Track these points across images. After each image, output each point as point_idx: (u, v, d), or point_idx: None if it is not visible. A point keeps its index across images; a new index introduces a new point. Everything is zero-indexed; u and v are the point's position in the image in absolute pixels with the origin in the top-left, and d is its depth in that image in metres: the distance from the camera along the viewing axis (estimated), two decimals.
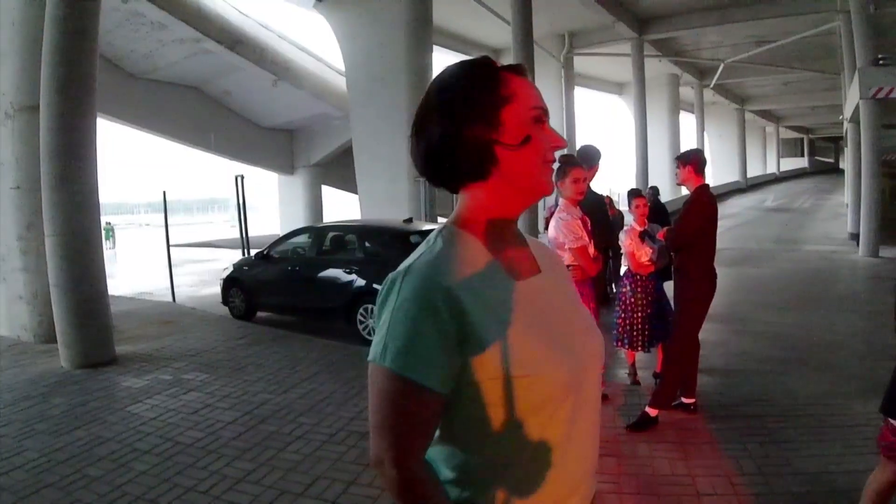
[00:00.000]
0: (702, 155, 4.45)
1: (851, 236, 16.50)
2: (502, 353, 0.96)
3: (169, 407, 4.92)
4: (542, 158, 1.06)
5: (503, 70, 1.07)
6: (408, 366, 0.94)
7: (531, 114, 1.05)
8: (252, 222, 12.19)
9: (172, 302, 10.22)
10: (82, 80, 6.11)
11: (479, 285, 1.00)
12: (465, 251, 1.04)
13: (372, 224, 8.89)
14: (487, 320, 0.97)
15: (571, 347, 1.05)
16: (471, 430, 1.00)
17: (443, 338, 0.94)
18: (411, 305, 0.95)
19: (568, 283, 1.22)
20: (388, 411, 0.96)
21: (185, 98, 21.03)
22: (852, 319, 7.75)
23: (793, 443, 3.96)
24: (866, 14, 14.17)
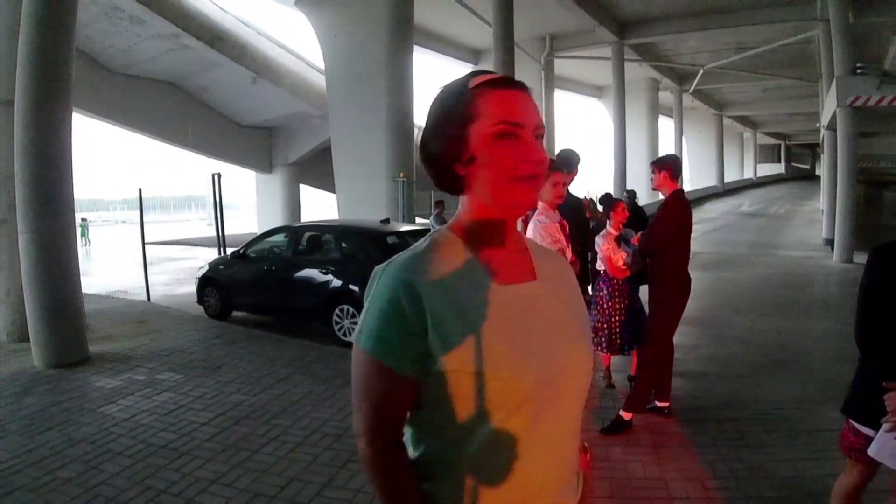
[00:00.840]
0: (677, 160, 4.47)
1: (826, 242, 16.70)
2: (462, 348, 1.02)
3: (142, 408, 4.87)
4: (505, 175, 1.06)
5: (482, 86, 1.08)
6: (377, 349, 1.04)
7: (494, 130, 1.05)
8: (229, 221, 12.11)
9: (147, 301, 10.10)
10: (58, 74, 6.02)
11: (450, 283, 1.06)
12: (446, 252, 1.10)
13: (349, 224, 8.87)
14: (451, 316, 1.03)
15: (548, 356, 1.07)
16: (435, 416, 1.07)
17: (407, 327, 1.02)
18: (382, 296, 1.05)
19: (571, 293, 1.23)
20: (362, 390, 1.08)
21: (163, 94, 20.79)
22: (826, 324, 7.83)
23: (766, 447, 4.01)
24: (845, 23, 14.37)
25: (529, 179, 1.06)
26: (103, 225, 45.77)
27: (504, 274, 1.11)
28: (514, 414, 1.03)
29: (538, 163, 1.06)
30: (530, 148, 1.06)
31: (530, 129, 1.06)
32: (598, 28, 20.76)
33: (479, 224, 1.12)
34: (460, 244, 1.12)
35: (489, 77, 1.09)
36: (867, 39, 17.77)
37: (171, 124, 21.20)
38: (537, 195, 1.10)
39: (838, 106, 13.95)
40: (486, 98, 1.06)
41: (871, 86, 13.38)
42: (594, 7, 19.57)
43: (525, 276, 1.14)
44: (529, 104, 1.08)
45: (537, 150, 1.07)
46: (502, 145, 1.05)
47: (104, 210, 63.69)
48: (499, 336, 1.04)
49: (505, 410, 1.02)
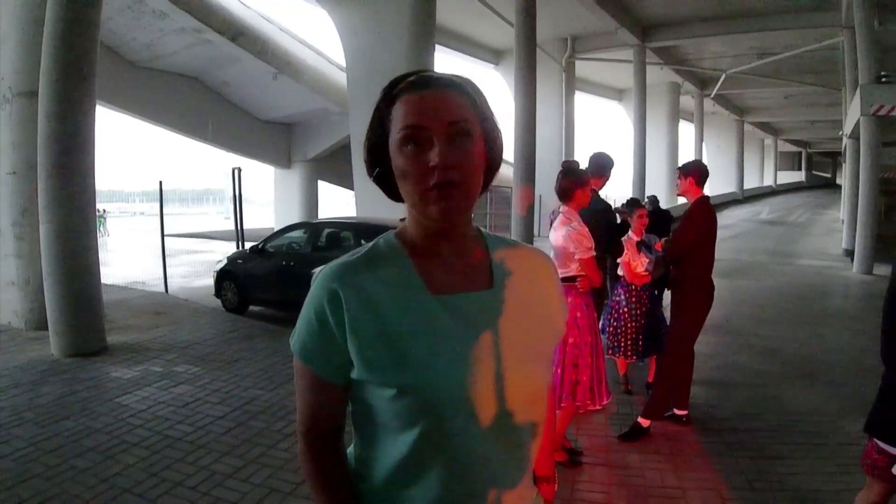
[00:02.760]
0: (703, 167, 4.42)
1: (846, 252, 16.47)
2: (377, 359, 0.99)
3: (159, 399, 4.89)
4: (413, 186, 0.99)
5: (395, 95, 1.02)
6: (302, 355, 1.05)
7: (398, 137, 0.99)
8: (247, 215, 12.15)
9: (165, 293, 10.15)
10: (83, 67, 6.06)
11: (377, 292, 1.02)
12: (383, 258, 1.06)
13: (368, 221, 8.85)
14: (370, 326, 1.00)
15: (480, 374, 0.99)
16: (363, 421, 1.06)
17: (328, 335, 1.01)
18: (310, 302, 1.04)
19: (540, 303, 1.13)
20: (297, 391, 1.09)
21: (185, 88, 20.89)
22: (845, 336, 7.72)
23: (783, 459, 3.95)
24: (871, 31, 14.12)
25: (438, 188, 0.96)
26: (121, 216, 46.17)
27: (445, 284, 1.05)
28: (433, 429, 0.98)
29: (443, 168, 0.96)
30: (433, 153, 0.96)
31: (439, 128, 0.97)
32: (619, 30, 20.60)
33: (417, 231, 1.07)
34: (401, 250, 1.07)
35: (407, 80, 1.03)
36: (892, 47, 17.49)
37: (191, 118, 21.30)
38: (458, 205, 0.99)
39: (861, 114, 13.74)
40: (398, 103, 1.01)
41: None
42: (617, 9, 19.45)
43: (473, 285, 1.06)
44: (441, 100, 0.99)
45: (441, 153, 0.96)
46: (405, 154, 0.98)
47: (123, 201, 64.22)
48: (419, 347, 0.99)
49: (422, 425, 0.98)
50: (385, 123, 1.03)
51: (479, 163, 1.02)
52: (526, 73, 13.55)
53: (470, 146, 1.00)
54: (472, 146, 1.00)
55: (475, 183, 1.02)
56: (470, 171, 1.00)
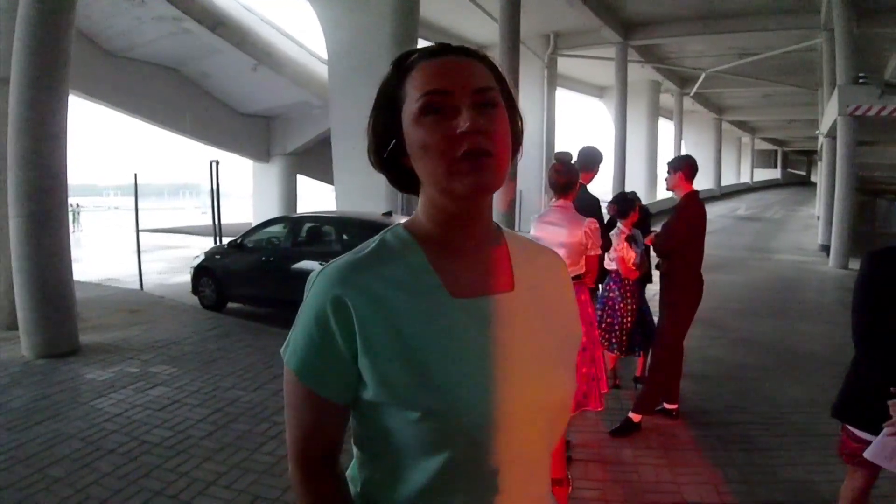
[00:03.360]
0: (693, 162, 4.44)
1: (822, 248, 16.74)
2: (397, 376, 0.86)
3: (135, 402, 4.72)
4: (437, 158, 0.86)
5: (410, 63, 0.91)
6: (301, 371, 0.91)
7: (417, 106, 0.87)
8: (224, 210, 11.95)
9: (140, 290, 9.93)
10: (57, 53, 5.85)
11: (391, 296, 0.89)
12: (394, 256, 0.93)
13: (350, 216, 8.73)
14: (387, 337, 0.87)
15: (508, 388, 0.89)
16: (373, 445, 0.94)
17: (333, 350, 0.88)
18: (309, 309, 0.91)
19: (560, 305, 1.03)
20: (290, 410, 0.95)
21: (162, 79, 20.50)
22: (824, 329, 7.81)
23: (775, 451, 4.01)
24: (849, 33, 14.36)
25: (468, 159, 0.84)
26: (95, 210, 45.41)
27: (465, 284, 0.92)
28: (460, 453, 0.86)
29: (475, 133, 0.84)
30: (462, 117, 0.85)
31: (466, 93, 0.86)
32: (603, 28, 20.63)
33: (435, 223, 0.94)
34: (414, 246, 0.94)
35: (417, 53, 0.92)
36: (869, 50, 17.77)
37: (168, 110, 20.91)
38: (492, 178, 0.86)
39: (839, 114, 13.97)
40: (413, 74, 0.90)
41: (873, 95, 13.40)
42: (600, 7, 19.45)
43: (496, 286, 0.95)
44: (464, 66, 0.89)
45: (471, 116, 0.84)
46: (427, 122, 0.86)
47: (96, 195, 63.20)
48: (444, 362, 0.87)
49: (448, 451, 0.86)
50: (396, 98, 0.91)
51: (507, 134, 0.91)
52: (509, 69, 13.50)
53: (497, 116, 0.88)
54: (500, 116, 0.89)
55: (506, 158, 0.89)
56: (502, 142, 0.88)
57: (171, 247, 18.33)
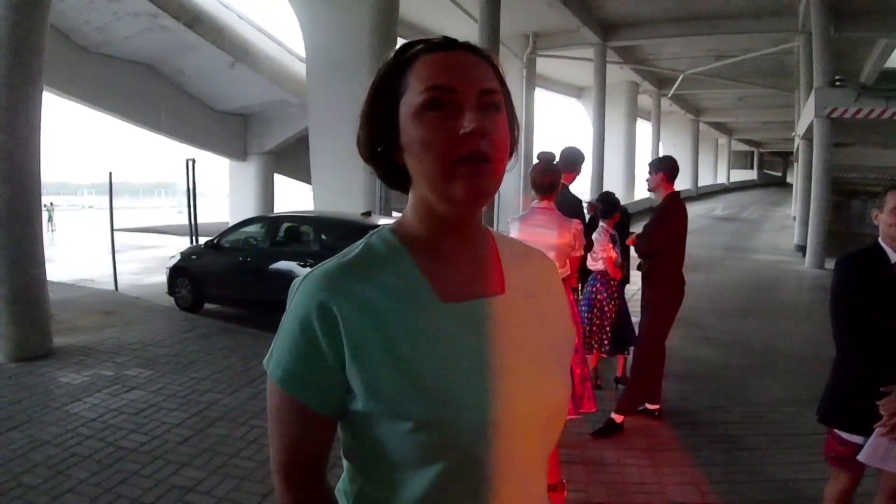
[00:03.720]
0: (674, 163, 4.49)
1: (798, 248, 16.97)
2: (387, 385, 0.83)
3: (110, 406, 4.61)
4: (436, 157, 0.82)
5: (414, 54, 0.87)
6: (286, 382, 0.86)
7: (419, 101, 0.83)
8: (200, 209, 11.79)
9: (115, 290, 9.76)
10: (30, 49, 5.71)
11: (380, 302, 0.85)
12: (381, 260, 0.89)
13: (329, 216, 8.65)
14: (376, 344, 0.83)
15: (502, 395, 0.85)
16: (364, 456, 0.90)
17: (320, 359, 0.84)
18: (293, 317, 0.86)
19: (552, 307, 1.00)
20: (274, 423, 0.90)
21: (137, 76, 20.18)
22: (802, 328, 7.92)
23: (757, 450, 4.05)
24: (826, 37, 14.60)
25: (469, 163, 0.81)
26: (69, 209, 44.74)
27: (456, 289, 0.89)
28: (456, 463, 0.83)
29: (479, 136, 0.81)
30: (465, 118, 0.81)
31: (471, 93, 0.82)
32: (582, 29, 20.72)
33: (424, 225, 0.90)
34: (402, 249, 0.90)
35: (421, 45, 0.88)
36: (845, 53, 18.07)
37: (144, 107, 20.61)
38: (489, 185, 0.83)
39: (815, 116, 14.17)
40: (416, 66, 0.85)
41: (850, 98, 13.61)
42: (580, 7, 19.54)
43: (487, 289, 0.91)
44: (471, 64, 0.85)
45: (476, 118, 0.81)
46: (427, 119, 0.82)
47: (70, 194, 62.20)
48: (436, 370, 0.83)
49: (443, 462, 0.82)
50: (396, 90, 0.86)
51: (507, 138, 0.87)
52: None
53: (499, 119, 0.85)
54: (501, 119, 0.86)
55: (504, 164, 0.86)
56: (502, 148, 0.85)
57: (147, 246, 18.10)
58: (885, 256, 2.38)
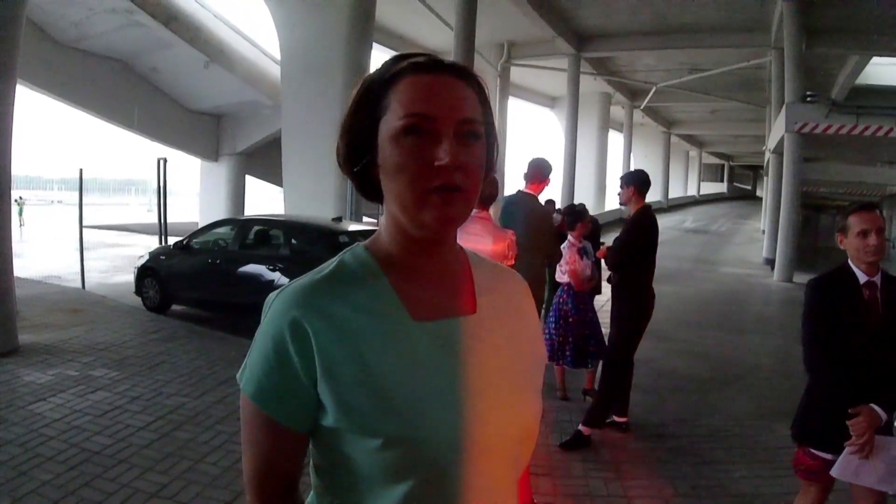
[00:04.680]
0: (645, 176, 4.53)
1: (766, 261, 17.27)
2: (357, 402, 0.83)
3: (75, 407, 4.52)
4: (409, 184, 0.83)
5: (401, 72, 0.87)
6: (258, 396, 0.87)
7: (398, 125, 0.83)
8: (170, 208, 11.65)
9: (82, 288, 9.61)
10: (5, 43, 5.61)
11: (351, 320, 0.86)
12: (354, 278, 0.90)
13: (300, 220, 8.61)
14: (347, 362, 0.84)
15: (474, 413, 0.86)
16: (333, 474, 0.89)
17: (292, 375, 0.85)
18: (266, 332, 0.87)
19: (523, 325, 1.01)
20: (246, 436, 0.91)
21: (111, 72, 19.84)
22: (770, 341, 8.07)
23: (723, 464, 4.08)
24: (798, 53, 14.90)
25: (441, 192, 0.82)
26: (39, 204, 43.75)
27: (428, 308, 0.90)
28: (425, 481, 0.83)
29: (453, 169, 0.82)
30: (442, 149, 0.82)
31: (450, 122, 0.83)
32: (556, 39, 20.90)
33: (397, 244, 0.91)
34: (375, 267, 0.91)
35: (412, 60, 0.87)
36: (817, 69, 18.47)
37: (117, 104, 20.25)
38: (459, 213, 0.85)
39: (786, 131, 14.46)
40: (399, 86, 0.85)
41: (821, 113, 13.92)
42: (555, 18, 19.70)
43: (458, 309, 0.92)
44: (453, 90, 0.85)
45: (451, 151, 0.81)
46: (405, 145, 0.83)
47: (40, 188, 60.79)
48: (407, 387, 0.84)
49: (412, 479, 0.82)
50: (378, 107, 0.87)
51: (481, 166, 0.88)
52: None
53: (475, 148, 0.86)
54: (478, 148, 0.87)
55: (476, 192, 0.87)
56: (475, 177, 0.86)
57: (115, 245, 17.81)
58: (854, 278, 2.44)
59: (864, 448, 2.26)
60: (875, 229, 2.39)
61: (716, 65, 22.29)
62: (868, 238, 2.39)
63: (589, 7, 19.09)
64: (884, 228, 2.44)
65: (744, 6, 17.30)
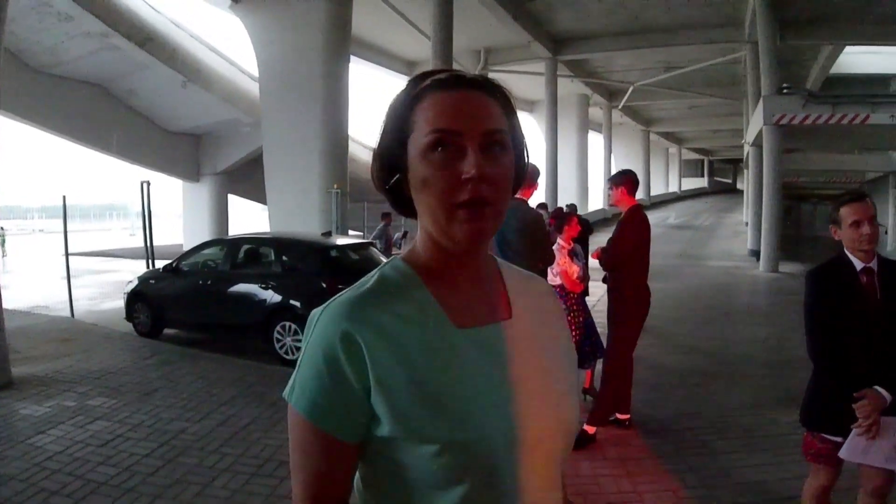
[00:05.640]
0: (634, 176, 4.59)
1: (751, 253, 17.44)
2: (412, 409, 0.85)
3: (76, 438, 4.45)
4: (437, 200, 0.85)
5: (426, 89, 0.89)
6: (312, 412, 0.87)
7: (424, 142, 0.85)
8: (155, 231, 11.55)
9: (71, 317, 9.49)
10: None
11: (400, 329, 0.88)
12: (397, 290, 0.92)
13: (289, 237, 8.60)
14: (399, 371, 0.86)
15: (520, 416, 0.88)
16: (385, 483, 0.90)
17: (346, 387, 0.86)
18: (316, 348, 0.87)
19: (555, 330, 1.04)
20: (297, 454, 0.90)
21: (88, 96, 19.71)
22: (761, 331, 8.14)
23: (728, 454, 4.14)
24: (773, 46, 15.13)
25: (468, 207, 0.84)
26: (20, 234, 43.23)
27: (468, 315, 0.92)
28: (480, 482, 0.84)
29: (479, 182, 0.83)
30: (467, 162, 0.83)
31: (475, 135, 0.85)
32: (532, 43, 21.04)
33: (433, 255, 0.93)
34: (415, 279, 0.93)
35: (435, 77, 0.90)
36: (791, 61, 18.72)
37: (95, 128, 20.11)
38: (489, 226, 0.87)
39: (764, 124, 14.62)
40: (424, 104, 0.88)
41: (797, 105, 14.10)
42: (530, 23, 19.83)
43: (495, 315, 0.95)
44: (477, 104, 0.87)
45: (477, 164, 0.83)
46: (432, 161, 0.85)
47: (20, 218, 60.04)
48: (458, 393, 0.86)
49: (467, 482, 0.84)
50: (405, 126, 0.89)
51: (509, 177, 0.90)
52: None
53: (503, 159, 0.88)
54: (505, 159, 0.88)
55: (505, 204, 0.89)
56: (504, 189, 0.88)
57: (101, 271, 17.62)
58: (851, 266, 2.50)
59: (871, 429, 2.31)
60: (867, 219, 2.45)
61: (691, 62, 22.54)
62: (861, 228, 2.44)
63: (564, 10, 19.24)
64: (875, 217, 2.49)
65: (717, 2, 17.54)
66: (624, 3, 18.00)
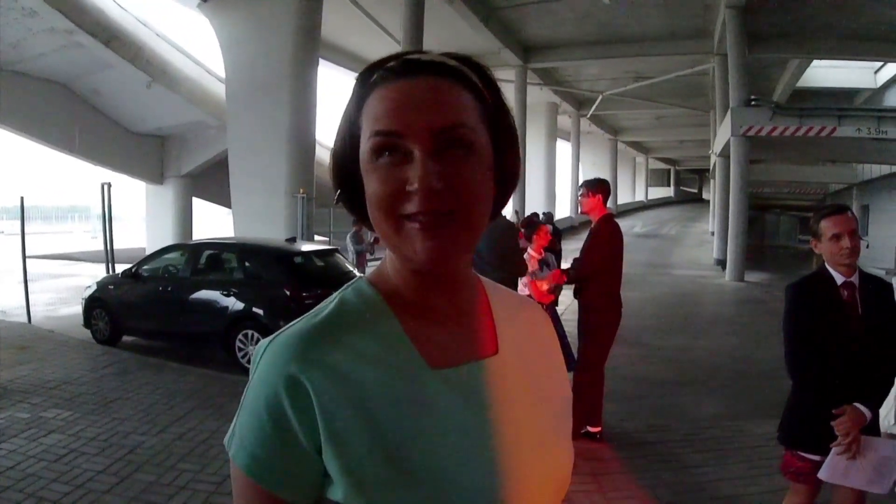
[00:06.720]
0: (608, 185, 4.56)
1: (717, 262, 17.68)
2: (370, 469, 0.69)
3: (28, 453, 4.23)
4: (381, 214, 0.70)
5: (375, 81, 0.73)
6: (251, 467, 0.71)
7: (366, 147, 0.70)
8: (116, 234, 11.26)
9: (28, 323, 9.15)
10: None
11: (360, 372, 0.71)
12: (359, 320, 0.75)
13: (253, 242, 8.39)
14: (356, 422, 0.69)
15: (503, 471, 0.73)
16: None
17: (289, 440, 0.70)
18: (257, 392, 0.72)
19: (547, 362, 0.88)
20: None
21: (50, 95, 19.18)
22: (730, 340, 8.23)
23: (701, 467, 4.11)
24: (741, 58, 15.39)
25: (416, 220, 0.68)
26: None
27: (444, 351, 0.76)
28: None
29: (427, 193, 0.67)
30: (411, 172, 0.68)
31: (422, 136, 0.68)
32: (503, 51, 21.15)
33: (402, 280, 0.76)
34: (382, 307, 0.76)
35: (385, 67, 0.73)
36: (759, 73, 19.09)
37: (57, 127, 19.58)
38: (453, 243, 0.70)
39: (732, 135, 14.87)
40: (369, 101, 0.72)
41: (765, 116, 14.38)
42: (501, 30, 19.94)
43: (479, 351, 0.78)
44: (428, 96, 0.70)
45: (422, 173, 0.67)
46: (376, 170, 0.70)
47: None
48: (429, 450, 0.70)
49: None
50: (355, 125, 0.73)
51: (483, 182, 0.72)
52: None
53: (469, 160, 0.70)
54: (473, 160, 0.70)
55: (478, 211, 0.71)
56: (470, 195, 0.70)
57: (61, 275, 17.10)
58: (832, 280, 2.46)
59: (851, 448, 2.27)
60: (847, 232, 2.41)
61: (660, 72, 22.88)
62: (841, 241, 2.40)
63: (534, 19, 19.37)
64: (856, 230, 2.45)
65: (687, 15, 17.82)
66: (594, 12, 18.17)
